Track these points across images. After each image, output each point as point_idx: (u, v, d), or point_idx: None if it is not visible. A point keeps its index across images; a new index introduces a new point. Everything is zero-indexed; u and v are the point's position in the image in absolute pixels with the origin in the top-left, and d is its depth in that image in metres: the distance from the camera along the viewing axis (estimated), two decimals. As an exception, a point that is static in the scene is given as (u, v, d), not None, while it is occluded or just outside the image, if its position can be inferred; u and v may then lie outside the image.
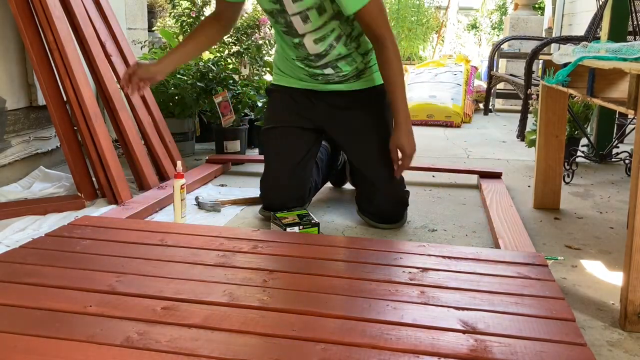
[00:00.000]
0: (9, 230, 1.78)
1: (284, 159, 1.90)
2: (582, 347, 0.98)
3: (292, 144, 1.91)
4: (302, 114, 1.92)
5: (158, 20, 4.83)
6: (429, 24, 11.16)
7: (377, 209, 1.89)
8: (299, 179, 1.92)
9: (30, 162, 2.47)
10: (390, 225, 1.88)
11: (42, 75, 2.08)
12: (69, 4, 2.18)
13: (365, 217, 1.92)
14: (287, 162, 1.89)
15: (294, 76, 1.92)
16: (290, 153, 1.90)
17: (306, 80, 1.90)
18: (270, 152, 1.95)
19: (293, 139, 1.92)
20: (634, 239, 1.21)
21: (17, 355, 0.91)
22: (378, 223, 1.89)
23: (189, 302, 1.12)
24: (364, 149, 1.88)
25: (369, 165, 1.88)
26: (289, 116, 1.92)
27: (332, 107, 1.90)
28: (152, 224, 1.69)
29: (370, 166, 1.88)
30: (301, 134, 1.93)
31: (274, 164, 1.92)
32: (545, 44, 3.75)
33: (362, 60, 1.86)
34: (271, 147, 1.95)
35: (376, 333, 1.01)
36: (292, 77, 1.93)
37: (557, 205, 2.16)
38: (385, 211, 1.88)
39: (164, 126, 2.60)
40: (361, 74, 1.88)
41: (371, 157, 1.87)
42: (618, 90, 1.45)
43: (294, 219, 1.76)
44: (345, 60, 1.83)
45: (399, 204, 1.91)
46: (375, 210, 1.89)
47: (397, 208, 1.90)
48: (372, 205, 1.90)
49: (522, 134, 3.76)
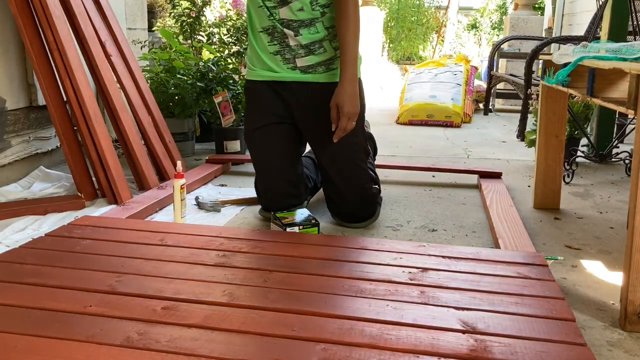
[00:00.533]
0: (9, 230, 1.78)
1: (273, 159, 1.88)
2: (582, 347, 0.98)
3: (278, 142, 1.89)
4: (277, 112, 1.89)
5: (158, 20, 4.83)
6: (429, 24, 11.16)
7: (344, 209, 1.89)
8: (291, 175, 1.90)
9: (30, 162, 2.47)
10: (358, 224, 1.89)
11: (42, 75, 2.08)
12: (69, 4, 2.18)
13: (336, 217, 1.93)
14: (276, 162, 1.88)
15: (263, 67, 1.87)
16: (278, 152, 1.88)
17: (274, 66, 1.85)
18: (258, 154, 1.92)
19: (277, 138, 1.89)
20: (634, 239, 1.21)
21: (17, 355, 0.91)
22: (345, 222, 1.90)
23: (189, 302, 1.12)
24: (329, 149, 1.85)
25: (334, 164, 1.87)
26: (268, 114, 1.89)
27: (303, 103, 1.87)
28: (152, 224, 1.69)
29: (334, 165, 1.87)
30: (284, 131, 1.89)
31: (263, 166, 1.91)
32: (545, 44, 3.75)
33: (326, 35, 1.81)
34: (258, 149, 1.91)
35: (376, 333, 1.01)
36: (261, 68, 1.88)
37: (557, 205, 2.16)
38: (351, 211, 1.88)
39: (164, 126, 2.60)
40: (330, 62, 1.84)
41: (336, 157, 1.85)
42: (618, 90, 1.45)
43: (294, 219, 1.76)
44: (307, 28, 1.79)
45: (366, 202, 1.90)
46: (342, 210, 1.89)
47: (364, 206, 1.89)
48: (338, 205, 1.90)
49: (522, 134, 3.76)
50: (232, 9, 3.71)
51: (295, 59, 1.83)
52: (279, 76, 1.86)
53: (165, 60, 3.03)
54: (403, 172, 2.69)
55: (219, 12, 4.10)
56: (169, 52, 3.10)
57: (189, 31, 3.48)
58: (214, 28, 3.65)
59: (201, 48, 3.59)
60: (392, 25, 11.00)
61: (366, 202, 1.90)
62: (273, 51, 1.85)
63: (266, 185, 1.91)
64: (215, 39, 3.64)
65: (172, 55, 3.06)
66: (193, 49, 3.51)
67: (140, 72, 2.59)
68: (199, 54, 3.60)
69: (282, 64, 1.85)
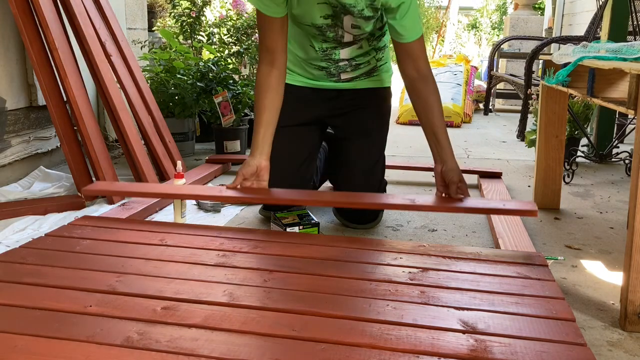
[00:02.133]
0: (9, 230, 1.78)
1: (289, 160, 1.90)
2: (582, 347, 0.98)
3: (297, 145, 1.92)
4: (305, 110, 1.92)
5: (158, 20, 4.83)
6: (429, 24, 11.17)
7: (352, 210, 1.89)
8: (302, 179, 1.92)
9: (30, 162, 2.47)
10: (364, 225, 1.90)
11: (42, 75, 2.08)
12: (69, 4, 2.18)
13: (341, 217, 1.93)
14: (292, 163, 1.90)
15: (303, 73, 1.91)
16: (295, 154, 1.91)
17: (315, 78, 1.89)
18: (275, 152, 1.94)
19: (298, 140, 1.92)
20: (634, 239, 1.21)
21: (17, 355, 0.91)
22: (351, 223, 1.90)
23: (189, 302, 1.12)
24: (358, 148, 1.89)
25: (357, 165, 1.89)
26: (294, 115, 1.92)
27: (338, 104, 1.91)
28: (152, 224, 1.69)
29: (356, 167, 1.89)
30: (305, 133, 1.93)
31: (278, 165, 1.92)
32: (545, 44, 3.76)
33: (375, 55, 1.86)
34: (276, 147, 1.94)
35: (376, 333, 1.01)
36: (300, 75, 1.92)
37: (557, 205, 2.16)
38: (359, 213, 1.89)
39: (164, 126, 2.60)
40: (372, 72, 1.88)
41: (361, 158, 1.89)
42: (618, 90, 1.45)
43: (294, 219, 1.76)
44: (362, 54, 1.84)
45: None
46: (350, 211, 1.90)
47: (371, 210, 1.91)
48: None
49: (522, 134, 3.76)
50: (232, 9, 3.71)
51: (340, 74, 1.87)
52: (318, 84, 1.90)
53: (165, 60, 3.03)
54: (403, 172, 2.69)
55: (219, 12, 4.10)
56: (169, 52, 3.10)
57: (189, 31, 3.48)
58: (214, 28, 3.65)
59: (201, 48, 3.59)
60: (392, 25, 10.98)
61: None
62: (318, 66, 1.86)
63: (274, 184, 1.92)
64: (215, 39, 3.64)
65: (172, 55, 3.06)
66: (193, 49, 3.51)
67: (140, 72, 2.59)
68: (199, 54, 3.60)
69: (326, 77, 1.88)
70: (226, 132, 2.86)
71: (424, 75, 1.66)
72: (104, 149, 2.15)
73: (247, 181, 1.66)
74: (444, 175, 1.63)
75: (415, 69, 1.66)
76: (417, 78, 1.66)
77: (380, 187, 1.97)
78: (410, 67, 1.66)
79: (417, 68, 1.65)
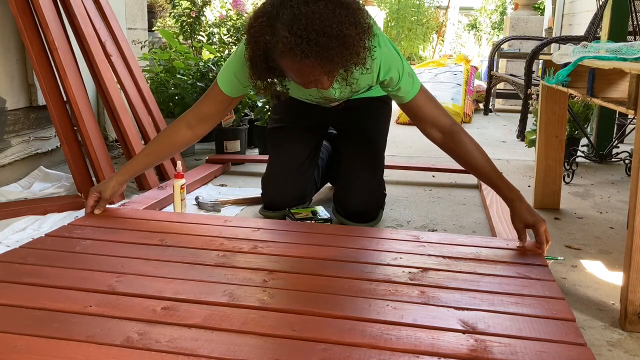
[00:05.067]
0: (9, 230, 1.78)
1: (290, 159, 1.92)
2: (582, 347, 0.98)
3: (298, 144, 1.93)
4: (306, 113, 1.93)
5: (158, 20, 4.83)
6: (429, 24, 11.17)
7: (352, 209, 1.89)
8: (303, 178, 1.93)
9: (30, 162, 2.47)
10: (363, 224, 1.90)
11: (42, 75, 2.08)
12: (69, 4, 2.18)
13: (340, 216, 1.94)
14: (292, 162, 1.91)
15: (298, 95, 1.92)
16: (296, 154, 1.92)
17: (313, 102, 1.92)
18: (276, 151, 1.96)
19: (299, 140, 1.94)
20: (634, 239, 1.21)
21: (17, 355, 0.91)
22: (351, 222, 1.91)
23: (189, 302, 1.12)
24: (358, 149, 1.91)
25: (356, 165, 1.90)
26: (296, 116, 1.94)
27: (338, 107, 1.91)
28: (152, 224, 1.69)
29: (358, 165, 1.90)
30: (307, 134, 1.95)
31: (279, 164, 1.93)
32: (545, 44, 3.76)
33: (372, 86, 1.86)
34: (277, 147, 1.97)
35: (376, 333, 1.01)
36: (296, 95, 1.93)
37: (557, 205, 2.16)
38: (360, 211, 1.89)
39: (164, 126, 2.60)
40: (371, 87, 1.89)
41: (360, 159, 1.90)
42: (618, 90, 1.45)
43: (307, 215, 1.82)
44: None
45: (375, 204, 1.93)
46: (350, 209, 1.90)
47: (372, 209, 1.92)
48: (347, 205, 1.91)
49: (522, 134, 3.76)
50: (232, 9, 3.71)
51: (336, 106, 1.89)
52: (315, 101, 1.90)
53: (165, 60, 3.03)
54: (403, 172, 2.69)
55: (219, 12, 4.10)
56: (169, 52, 3.10)
57: (189, 31, 3.49)
58: (214, 28, 3.65)
59: (201, 48, 3.59)
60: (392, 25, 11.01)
61: (376, 204, 1.93)
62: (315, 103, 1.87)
63: (275, 183, 1.94)
64: (215, 39, 3.64)
65: (172, 55, 3.06)
66: (193, 49, 3.51)
67: (140, 72, 2.59)
68: (199, 54, 3.61)
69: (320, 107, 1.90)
70: (226, 132, 2.86)
71: (449, 132, 1.55)
72: (104, 149, 2.16)
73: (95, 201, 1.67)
74: (519, 221, 1.47)
75: (437, 129, 1.57)
76: (443, 139, 1.57)
77: (380, 187, 1.97)
78: (430, 130, 1.58)
79: (437, 126, 1.56)
